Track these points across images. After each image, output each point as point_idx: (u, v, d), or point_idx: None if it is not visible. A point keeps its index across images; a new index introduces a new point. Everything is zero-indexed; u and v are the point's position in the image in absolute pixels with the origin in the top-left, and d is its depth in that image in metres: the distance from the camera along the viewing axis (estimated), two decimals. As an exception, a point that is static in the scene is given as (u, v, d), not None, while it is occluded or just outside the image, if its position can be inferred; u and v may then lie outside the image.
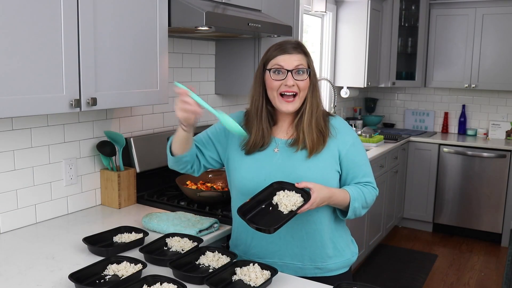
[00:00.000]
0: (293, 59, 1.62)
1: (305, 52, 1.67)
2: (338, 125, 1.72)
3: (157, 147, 2.46)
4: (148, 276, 1.42)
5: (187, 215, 2.01)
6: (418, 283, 3.74)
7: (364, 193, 1.69)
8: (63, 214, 2.12)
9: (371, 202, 1.73)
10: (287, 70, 1.61)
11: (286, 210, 1.52)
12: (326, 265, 1.72)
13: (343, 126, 1.74)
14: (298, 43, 1.69)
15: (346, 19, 4.47)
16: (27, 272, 1.54)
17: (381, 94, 5.55)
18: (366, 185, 1.72)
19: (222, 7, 2.25)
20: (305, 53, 1.67)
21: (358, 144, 1.74)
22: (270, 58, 1.65)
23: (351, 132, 1.74)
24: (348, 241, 1.82)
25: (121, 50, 1.85)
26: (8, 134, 1.87)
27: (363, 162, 1.73)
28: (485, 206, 4.57)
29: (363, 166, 1.73)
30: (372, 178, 1.74)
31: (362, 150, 1.75)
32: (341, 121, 1.75)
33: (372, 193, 1.73)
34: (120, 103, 1.87)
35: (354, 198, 1.65)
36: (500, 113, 4.96)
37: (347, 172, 1.71)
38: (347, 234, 1.83)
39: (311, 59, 1.69)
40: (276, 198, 1.55)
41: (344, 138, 1.70)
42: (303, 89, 1.64)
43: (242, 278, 1.47)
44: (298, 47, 1.66)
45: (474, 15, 4.69)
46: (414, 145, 4.81)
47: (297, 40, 1.74)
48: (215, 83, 2.98)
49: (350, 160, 1.70)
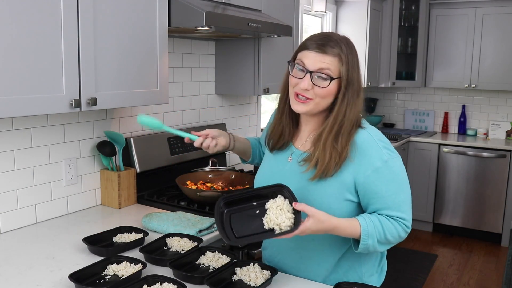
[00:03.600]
0: (320, 60, 1.38)
1: (342, 55, 1.38)
2: (362, 143, 1.41)
3: (157, 147, 2.46)
4: (148, 276, 1.42)
5: (187, 215, 2.01)
6: (418, 283, 3.73)
7: (385, 228, 1.39)
8: (63, 214, 2.12)
9: (393, 240, 1.42)
10: (308, 71, 1.39)
11: (267, 225, 1.33)
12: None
13: (368, 145, 1.41)
14: (338, 41, 1.40)
15: (346, 19, 4.47)
16: (27, 272, 1.54)
17: (381, 94, 5.55)
18: (394, 219, 1.41)
19: (222, 7, 2.25)
20: (341, 57, 1.38)
21: (385, 169, 1.39)
22: (300, 49, 1.44)
23: (377, 154, 1.40)
24: (371, 270, 1.53)
25: (121, 50, 1.85)
26: (8, 134, 1.87)
27: (389, 192, 1.39)
28: (485, 206, 4.57)
29: (388, 198, 1.39)
30: (404, 213, 1.41)
31: (390, 177, 1.39)
32: (367, 138, 1.42)
33: (397, 230, 1.41)
34: (120, 103, 1.87)
35: (366, 233, 1.37)
36: (500, 113, 4.96)
37: (366, 202, 1.43)
38: (368, 261, 1.53)
39: (350, 66, 1.40)
40: (269, 205, 1.36)
41: (365, 162, 1.39)
42: (322, 96, 1.40)
43: (242, 278, 1.47)
44: (335, 47, 1.38)
45: (474, 15, 4.69)
46: (414, 145, 4.81)
47: (344, 37, 1.44)
48: (215, 83, 2.98)
49: (368, 189, 1.40)
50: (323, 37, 1.41)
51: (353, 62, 1.42)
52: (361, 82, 1.46)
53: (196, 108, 2.86)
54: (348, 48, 1.41)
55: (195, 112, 2.85)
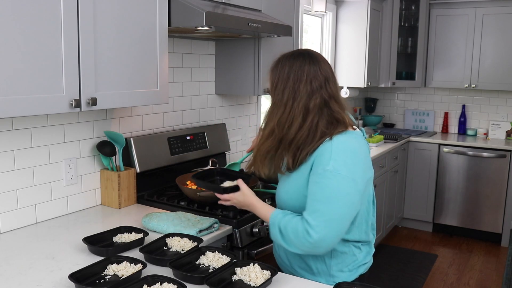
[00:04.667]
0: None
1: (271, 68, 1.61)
2: (325, 153, 1.48)
3: (157, 147, 2.46)
4: (148, 276, 1.42)
5: (187, 215, 2.01)
6: (418, 283, 3.73)
7: (291, 222, 1.50)
8: (63, 214, 2.12)
9: (293, 237, 1.48)
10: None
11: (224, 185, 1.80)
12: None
13: (328, 153, 1.48)
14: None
15: (346, 19, 4.47)
16: (27, 272, 1.54)
17: (381, 94, 5.55)
18: (303, 219, 1.48)
19: (222, 7, 2.24)
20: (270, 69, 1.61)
21: (326, 174, 1.45)
22: None
23: (331, 160, 1.46)
24: (340, 266, 1.62)
25: (121, 50, 1.85)
26: (8, 134, 1.87)
27: (313, 197, 1.47)
28: (485, 206, 4.57)
29: (309, 201, 1.48)
30: (314, 220, 1.44)
31: (322, 184, 1.45)
32: (332, 147, 1.48)
33: (299, 228, 1.47)
34: (120, 103, 1.87)
35: (273, 222, 1.55)
36: (500, 113, 4.96)
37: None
38: (340, 257, 1.61)
39: (272, 73, 1.59)
40: (227, 183, 1.84)
41: (318, 162, 1.49)
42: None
43: (242, 278, 1.47)
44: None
45: (474, 15, 4.69)
46: (414, 145, 4.81)
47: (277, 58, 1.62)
48: (215, 83, 2.98)
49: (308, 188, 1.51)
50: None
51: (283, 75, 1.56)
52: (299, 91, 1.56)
53: (196, 108, 2.86)
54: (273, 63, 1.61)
55: (195, 112, 2.85)
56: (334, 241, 1.48)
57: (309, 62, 1.54)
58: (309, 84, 1.51)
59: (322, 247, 1.47)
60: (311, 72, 1.53)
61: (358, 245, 1.63)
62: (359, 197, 1.50)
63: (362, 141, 1.58)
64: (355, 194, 1.48)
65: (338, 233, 1.48)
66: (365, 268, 1.68)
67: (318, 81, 1.52)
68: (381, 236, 4.33)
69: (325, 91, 1.53)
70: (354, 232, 1.60)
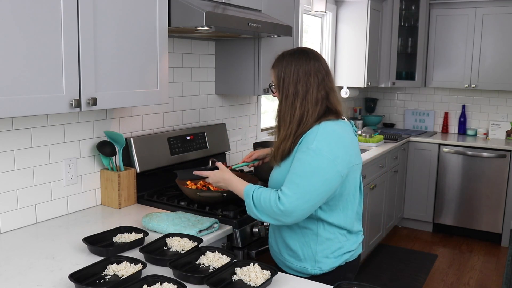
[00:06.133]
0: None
1: (273, 64, 1.73)
2: (311, 134, 1.61)
3: (157, 147, 2.46)
4: (148, 276, 1.42)
5: (187, 215, 2.01)
6: (418, 283, 3.74)
7: (262, 194, 1.61)
8: (63, 214, 2.12)
9: (264, 204, 1.59)
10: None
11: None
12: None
13: (314, 134, 1.60)
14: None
15: (346, 19, 4.48)
16: (27, 272, 1.54)
17: (381, 94, 5.55)
18: (278, 189, 1.61)
19: (222, 7, 2.25)
20: (272, 65, 1.73)
21: (309, 152, 1.56)
22: None
23: (315, 140, 1.58)
24: (325, 252, 1.69)
25: (121, 50, 1.85)
26: (8, 134, 1.87)
27: (292, 170, 1.58)
28: (485, 206, 4.57)
29: (289, 174, 1.58)
30: (288, 189, 1.55)
31: (303, 160, 1.57)
32: (319, 129, 1.61)
33: (271, 196, 1.58)
34: (120, 103, 1.87)
35: (247, 193, 1.65)
36: (500, 113, 4.96)
37: None
38: (325, 243, 1.69)
39: (278, 69, 1.70)
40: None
41: (304, 142, 1.61)
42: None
43: (242, 278, 1.47)
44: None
45: (474, 15, 4.69)
46: (414, 145, 4.82)
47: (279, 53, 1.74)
48: (215, 83, 2.98)
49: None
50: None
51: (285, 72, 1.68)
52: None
53: (196, 108, 2.86)
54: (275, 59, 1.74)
55: (195, 112, 2.85)
56: (303, 214, 1.57)
57: (313, 58, 1.68)
58: (316, 77, 1.65)
59: (291, 217, 1.56)
60: (316, 66, 1.66)
61: (343, 232, 1.71)
62: (338, 179, 1.58)
63: (350, 130, 1.71)
64: (334, 175, 1.57)
65: (309, 207, 1.56)
66: (351, 255, 1.75)
67: (321, 74, 1.66)
68: (381, 236, 4.33)
69: (326, 85, 1.67)
70: (339, 217, 1.68)
